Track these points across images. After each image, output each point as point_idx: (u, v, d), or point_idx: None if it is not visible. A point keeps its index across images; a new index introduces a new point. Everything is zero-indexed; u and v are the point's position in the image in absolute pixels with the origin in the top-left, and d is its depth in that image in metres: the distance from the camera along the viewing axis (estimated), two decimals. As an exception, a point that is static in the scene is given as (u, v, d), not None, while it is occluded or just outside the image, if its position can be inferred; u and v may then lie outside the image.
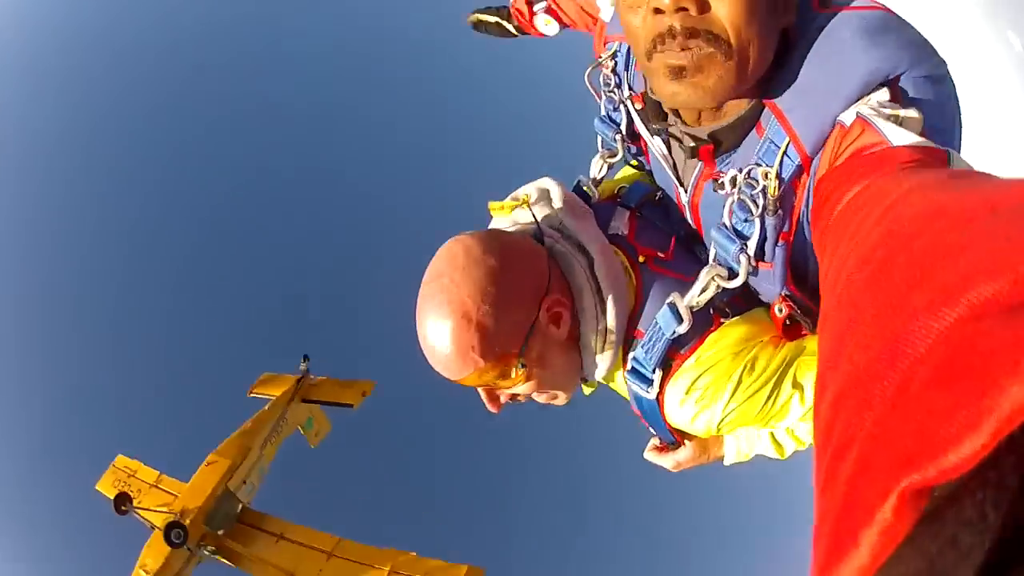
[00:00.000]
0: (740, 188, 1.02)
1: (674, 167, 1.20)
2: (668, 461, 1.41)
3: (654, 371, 1.15)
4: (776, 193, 0.98)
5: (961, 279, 0.31)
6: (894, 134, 0.80)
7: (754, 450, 1.37)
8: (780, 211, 1.00)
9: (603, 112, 1.34)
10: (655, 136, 1.19)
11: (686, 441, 1.37)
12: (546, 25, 1.95)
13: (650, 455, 1.45)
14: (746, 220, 1.03)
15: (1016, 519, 0.23)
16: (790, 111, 0.95)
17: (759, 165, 0.99)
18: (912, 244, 0.40)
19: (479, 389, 1.20)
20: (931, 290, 0.33)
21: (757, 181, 0.99)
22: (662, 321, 1.13)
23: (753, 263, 1.06)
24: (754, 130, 1.02)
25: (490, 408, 1.23)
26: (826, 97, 0.90)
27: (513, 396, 1.23)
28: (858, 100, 0.87)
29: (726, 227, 1.07)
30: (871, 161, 0.79)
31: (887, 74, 0.87)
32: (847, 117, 0.88)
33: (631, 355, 1.18)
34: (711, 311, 1.14)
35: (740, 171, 1.02)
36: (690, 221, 1.24)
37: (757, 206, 1.00)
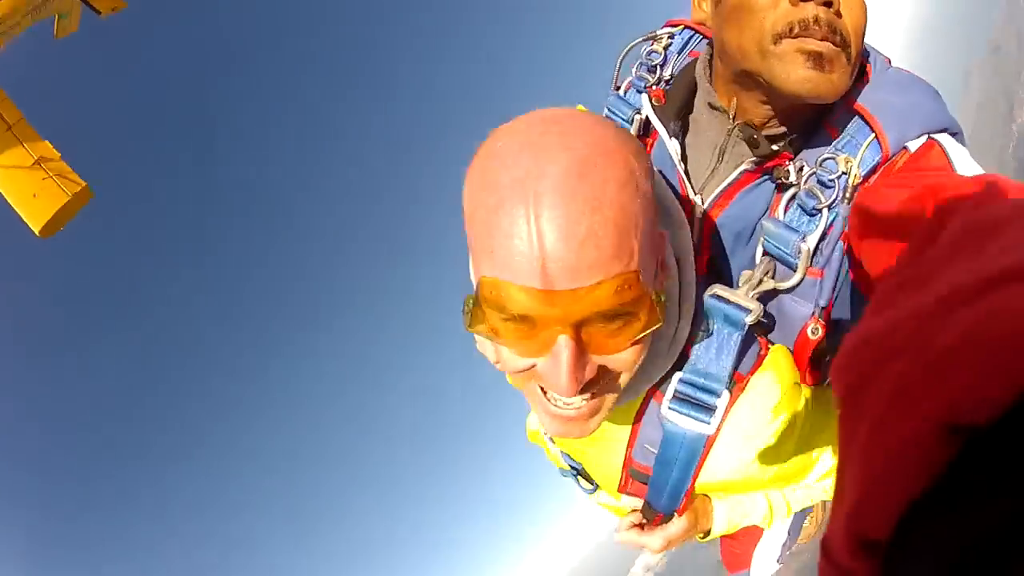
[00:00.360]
0: (813, 174, 0.96)
1: (686, 173, 1.07)
2: (655, 540, 1.11)
3: (721, 393, 0.90)
4: (857, 181, 0.93)
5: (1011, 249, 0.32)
6: (961, 162, 0.88)
7: (745, 520, 1.15)
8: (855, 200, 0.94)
9: (623, 91, 1.21)
10: (672, 138, 1.07)
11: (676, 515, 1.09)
12: None
13: (628, 536, 1.14)
14: (812, 211, 0.95)
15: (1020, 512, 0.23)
16: (878, 112, 0.95)
17: (836, 155, 0.95)
18: (972, 235, 0.41)
19: (563, 340, 0.71)
20: (985, 257, 0.34)
21: (832, 170, 0.95)
22: (720, 317, 0.92)
23: (808, 262, 0.95)
24: (825, 130, 0.99)
25: (566, 380, 0.72)
26: (908, 113, 0.95)
27: (598, 375, 0.76)
28: (924, 133, 0.94)
29: (779, 220, 0.98)
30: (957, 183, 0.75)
31: (944, 126, 0.95)
32: (913, 144, 0.93)
33: (676, 378, 0.91)
34: (753, 332, 0.97)
35: (807, 162, 0.97)
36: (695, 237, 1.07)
37: (825, 196, 0.94)
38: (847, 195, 0.94)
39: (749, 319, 0.91)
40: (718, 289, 0.94)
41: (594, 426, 0.83)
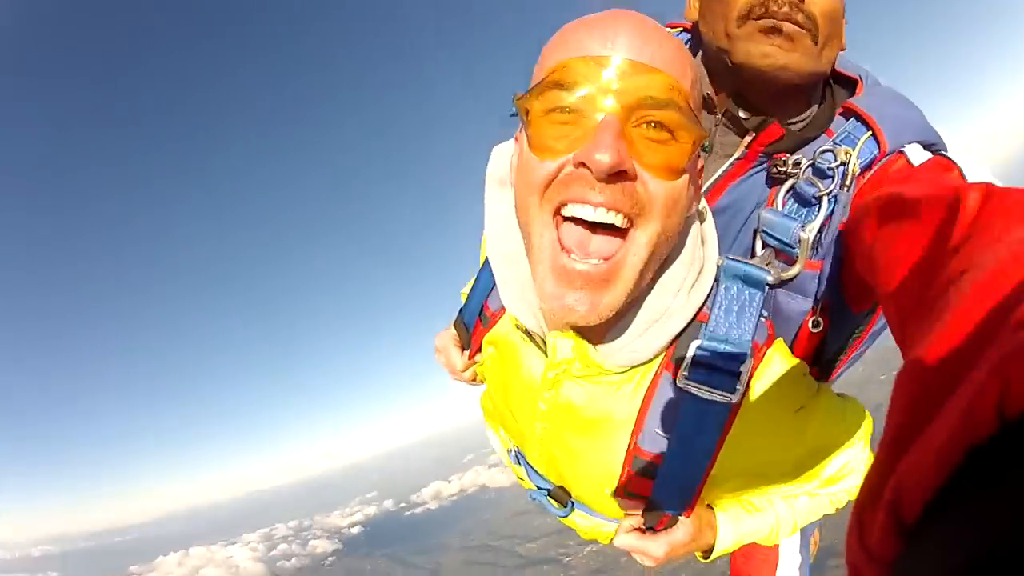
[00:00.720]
0: (812, 165, 0.97)
1: None
2: (659, 546, 1.00)
3: (745, 359, 0.85)
4: (856, 171, 0.95)
5: None
6: (972, 171, 0.91)
7: (751, 535, 1.09)
8: (853, 190, 0.96)
9: None
10: None
11: (682, 517, 1.00)
12: None
13: (627, 539, 1.03)
14: (812, 200, 0.96)
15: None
16: (874, 113, 0.99)
17: (835, 148, 0.97)
18: None
19: (610, 117, 0.73)
20: None
21: (830, 160, 0.96)
22: (739, 277, 0.89)
23: (808, 252, 0.94)
24: (823, 134, 1.02)
25: (607, 144, 0.72)
26: (902, 120, 1.00)
27: (632, 194, 0.76)
28: (916, 143, 0.98)
29: (777, 211, 0.98)
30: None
31: (934, 141, 1.00)
32: (911, 152, 0.97)
33: (694, 346, 0.86)
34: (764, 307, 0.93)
35: (805, 156, 0.99)
36: None
37: (824, 185, 0.95)
38: (847, 183, 0.95)
39: (770, 278, 0.90)
40: (731, 256, 0.93)
41: (607, 304, 0.79)
